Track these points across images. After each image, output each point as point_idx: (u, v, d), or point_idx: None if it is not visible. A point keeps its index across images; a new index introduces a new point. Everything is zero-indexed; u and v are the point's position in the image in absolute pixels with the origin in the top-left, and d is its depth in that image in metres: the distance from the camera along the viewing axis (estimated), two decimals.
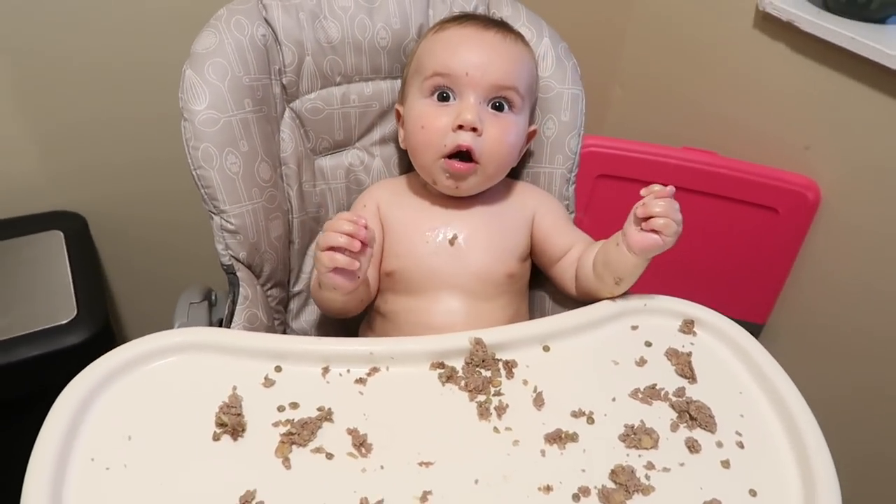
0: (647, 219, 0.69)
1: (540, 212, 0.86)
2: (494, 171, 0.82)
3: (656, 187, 0.69)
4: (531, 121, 0.87)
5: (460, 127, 0.78)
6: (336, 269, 0.67)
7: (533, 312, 0.90)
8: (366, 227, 0.67)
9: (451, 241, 0.81)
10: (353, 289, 0.70)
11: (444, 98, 0.80)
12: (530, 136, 0.87)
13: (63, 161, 1.16)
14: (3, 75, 1.05)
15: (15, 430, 0.59)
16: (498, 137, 0.79)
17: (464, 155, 0.79)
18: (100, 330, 1.02)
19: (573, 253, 0.82)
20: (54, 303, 1.03)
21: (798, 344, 1.36)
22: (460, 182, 0.81)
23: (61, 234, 1.14)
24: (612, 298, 0.75)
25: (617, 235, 0.73)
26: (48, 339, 0.98)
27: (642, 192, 0.70)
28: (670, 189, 0.69)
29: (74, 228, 1.17)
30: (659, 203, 0.68)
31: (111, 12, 1.07)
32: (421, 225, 0.83)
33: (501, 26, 0.83)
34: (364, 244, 0.67)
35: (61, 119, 1.12)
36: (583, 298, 0.79)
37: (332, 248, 0.67)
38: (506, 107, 0.80)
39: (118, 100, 1.14)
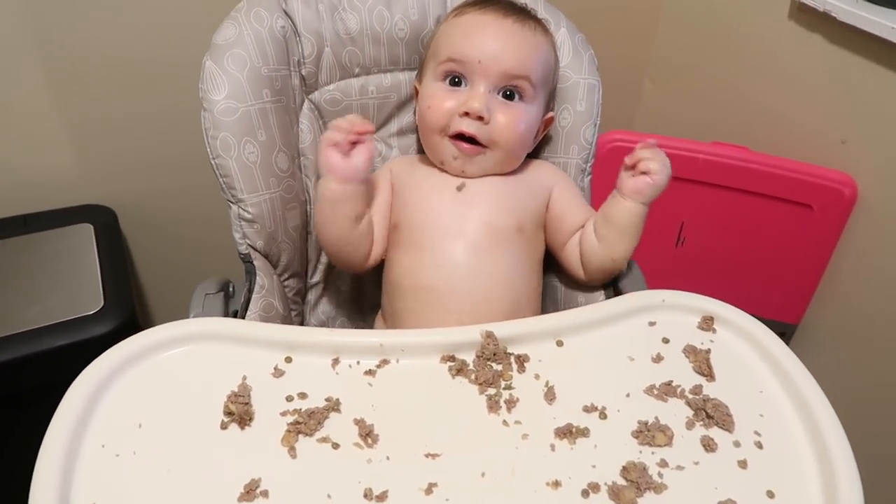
0: (635, 166, 0.75)
1: (557, 188, 0.85)
2: (505, 157, 0.81)
3: (640, 144, 0.76)
4: (549, 108, 0.86)
5: (466, 114, 0.78)
6: (331, 147, 0.74)
7: (546, 303, 0.89)
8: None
9: (459, 188, 0.81)
10: (345, 173, 0.75)
11: (456, 83, 0.80)
12: (547, 122, 0.86)
13: (95, 156, 1.19)
14: (38, 72, 1.07)
15: (42, 417, 0.60)
16: (507, 125, 0.79)
17: (470, 139, 0.79)
18: (125, 321, 1.03)
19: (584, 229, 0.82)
20: (82, 294, 1.05)
21: (833, 345, 1.32)
22: (467, 165, 0.81)
23: (91, 227, 1.16)
24: (630, 293, 0.73)
25: (613, 192, 0.78)
26: (75, 328, 1.00)
27: (629, 156, 0.77)
28: (652, 141, 0.76)
29: (104, 222, 1.19)
30: (644, 151, 0.75)
31: (143, 8, 1.08)
32: (430, 182, 0.83)
33: (521, 13, 0.82)
34: (361, 132, 0.75)
35: (93, 115, 1.15)
36: (591, 276, 0.81)
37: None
38: (517, 96, 0.80)
39: (148, 96, 1.16)
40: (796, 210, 1.25)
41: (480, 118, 0.77)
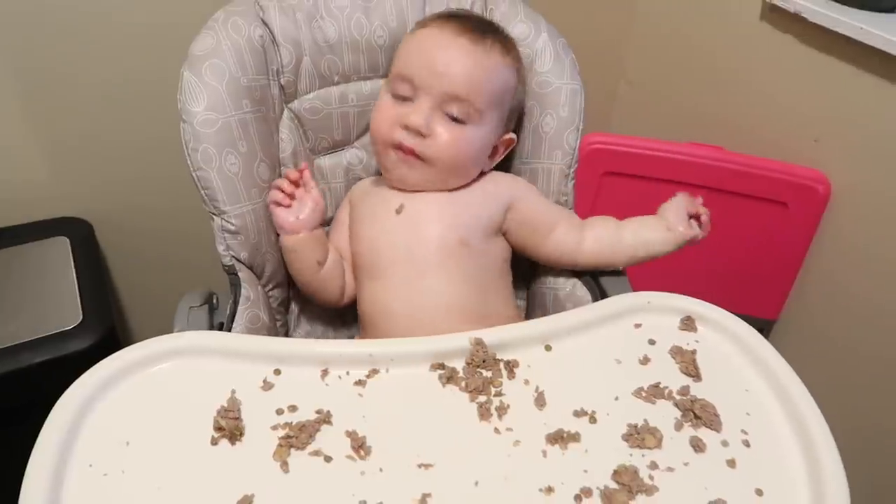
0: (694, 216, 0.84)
1: (518, 195, 0.85)
2: (444, 174, 0.81)
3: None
4: (510, 128, 0.86)
5: (407, 127, 0.78)
6: (275, 205, 0.78)
7: (534, 309, 0.89)
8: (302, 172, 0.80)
9: (398, 210, 0.82)
10: (291, 226, 0.79)
11: (406, 97, 0.80)
12: (507, 143, 0.86)
13: (70, 167, 1.17)
14: (12, 84, 1.06)
15: (21, 435, 0.59)
16: (447, 143, 0.79)
17: (410, 153, 0.80)
18: (105, 335, 1.02)
19: (563, 224, 0.84)
20: (60, 308, 1.03)
21: (810, 339, 1.34)
22: (407, 174, 0.81)
23: (67, 240, 1.15)
24: (616, 296, 0.74)
25: (657, 219, 0.85)
26: (54, 344, 0.99)
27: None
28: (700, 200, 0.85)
29: (81, 234, 1.17)
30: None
31: (119, 23, 1.08)
32: (376, 205, 0.85)
33: (479, 31, 0.80)
34: (297, 184, 0.79)
35: (69, 126, 1.13)
36: (588, 264, 0.84)
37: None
38: (460, 117, 0.79)
39: (125, 107, 1.15)
40: (772, 208, 1.27)
41: (420, 133, 0.78)
